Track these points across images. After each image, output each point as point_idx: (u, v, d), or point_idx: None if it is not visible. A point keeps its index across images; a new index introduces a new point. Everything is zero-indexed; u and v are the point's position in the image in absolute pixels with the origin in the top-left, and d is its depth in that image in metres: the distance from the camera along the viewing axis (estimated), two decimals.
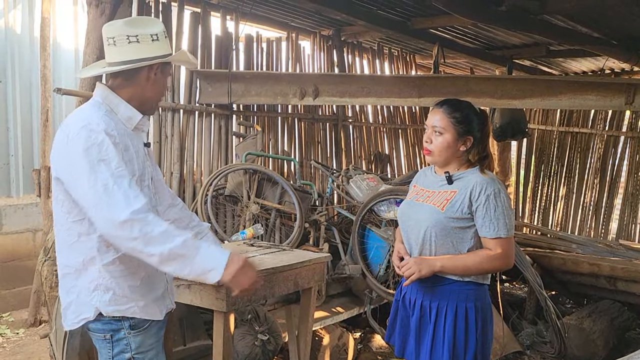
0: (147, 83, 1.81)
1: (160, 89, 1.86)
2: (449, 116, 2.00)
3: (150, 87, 1.82)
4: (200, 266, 1.64)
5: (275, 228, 4.19)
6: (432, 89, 4.34)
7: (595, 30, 4.84)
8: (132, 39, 1.73)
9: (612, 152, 6.96)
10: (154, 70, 1.80)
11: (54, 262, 3.31)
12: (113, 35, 1.75)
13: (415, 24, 5.08)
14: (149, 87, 1.81)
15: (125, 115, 1.79)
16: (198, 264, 1.63)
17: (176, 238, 1.61)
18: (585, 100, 3.95)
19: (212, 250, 1.68)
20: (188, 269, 1.63)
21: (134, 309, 1.74)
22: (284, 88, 4.53)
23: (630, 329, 4.83)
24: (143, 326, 1.77)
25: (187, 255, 1.62)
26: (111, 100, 1.78)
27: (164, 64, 1.82)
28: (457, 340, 1.95)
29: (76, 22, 5.35)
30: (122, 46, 1.73)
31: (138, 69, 1.77)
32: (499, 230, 1.93)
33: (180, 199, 2.20)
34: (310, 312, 2.94)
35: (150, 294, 1.80)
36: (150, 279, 1.81)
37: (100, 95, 1.79)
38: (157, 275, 1.84)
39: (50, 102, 4.46)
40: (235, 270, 1.67)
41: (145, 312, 1.77)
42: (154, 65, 1.79)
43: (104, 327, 1.74)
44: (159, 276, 1.85)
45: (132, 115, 1.80)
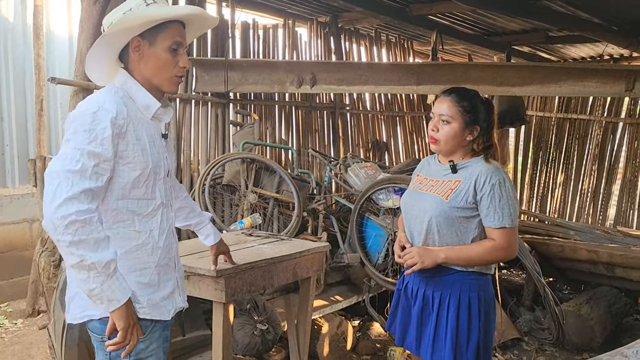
0: (138, 62, 1.64)
1: (154, 65, 1.63)
2: (457, 105, 1.97)
3: (143, 65, 1.63)
4: (108, 292, 1.48)
5: (273, 217, 4.17)
6: (431, 77, 4.31)
7: (596, 16, 4.79)
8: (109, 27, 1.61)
9: (610, 138, 6.95)
10: (133, 46, 1.61)
11: (51, 252, 3.30)
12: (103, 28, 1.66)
13: (414, 10, 5.02)
14: (141, 66, 1.63)
15: (143, 103, 1.65)
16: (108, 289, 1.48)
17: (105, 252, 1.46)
18: (585, 87, 3.93)
19: (123, 282, 1.52)
20: (94, 286, 1.46)
21: (139, 310, 1.61)
22: (282, 76, 4.48)
23: (627, 315, 4.86)
24: (146, 330, 1.63)
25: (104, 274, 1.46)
26: (130, 87, 1.64)
27: (148, 32, 1.60)
28: (460, 331, 1.95)
29: (69, 9, 5.28)
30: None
31: (125, 51, 1.63)
32: (503, 220, 1.91)
33: (186, 191, 2.12)
34: (310, 301, 2.94)
35: (158, 292, 1.68)
36: (160, 276, 1.69)
37: (119, 80, 1.65)
38: (167, 272, 1.72)
39: (45, 91, 4.40)
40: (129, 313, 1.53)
41: (151, 312, 1.64)
42: (131, 41, 1.60)
43: (104, 328, 1.59)
44: (169, 272, 1.73)
45: (150, 104, 1.66)
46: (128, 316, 1.53)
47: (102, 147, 1.51)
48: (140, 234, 1.63)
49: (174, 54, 1.64)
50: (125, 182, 1.59)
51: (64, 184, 1.44)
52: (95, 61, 1.67)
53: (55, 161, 1.50)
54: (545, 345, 4.26)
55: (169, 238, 1.72)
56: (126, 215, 1.61)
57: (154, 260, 1.66)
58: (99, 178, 1.51)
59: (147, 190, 1.64)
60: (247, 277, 2.41)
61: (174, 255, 1.76)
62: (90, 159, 1.49)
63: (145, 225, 1.64)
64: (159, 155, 1.67)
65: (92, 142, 1.50)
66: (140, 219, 1.63)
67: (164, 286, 1.70)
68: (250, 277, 2.42)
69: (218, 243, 2.13)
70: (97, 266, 1.45)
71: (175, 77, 1.67)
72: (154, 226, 1.67)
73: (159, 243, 1.68)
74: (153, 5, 1.61)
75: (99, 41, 1.59)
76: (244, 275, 2.38)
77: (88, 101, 1.59)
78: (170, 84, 1.67)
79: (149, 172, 1.62)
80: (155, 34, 1.61)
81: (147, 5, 1.60)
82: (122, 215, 1.61)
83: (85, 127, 1.50)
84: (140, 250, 1.63)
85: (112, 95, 1.60)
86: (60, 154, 1.51)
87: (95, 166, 1.49)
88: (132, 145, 1.57)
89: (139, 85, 1.65)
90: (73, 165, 1.47)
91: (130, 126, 1.58)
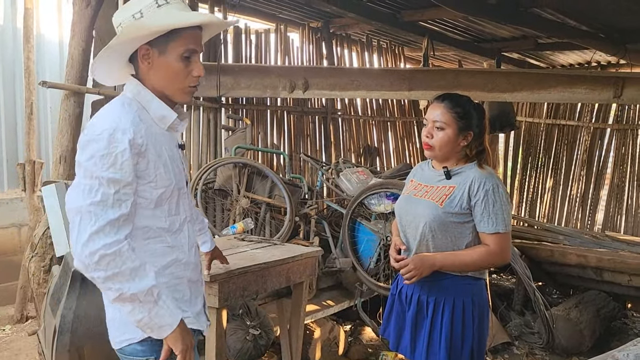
0: (148, 71, 1.51)
1: (165, 75, 1.51)
2: (451, 111, 1.99)
3: (152, 75, 1.51)
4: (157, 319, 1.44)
5: (265, 222, 4.17)
6: (423, 82, 4.34)
7: (584, 24, 4.86)
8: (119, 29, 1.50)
9: (598, 144, 7.03)
10: (141, 54, 1.49)
11: (41, 258, 3.27)
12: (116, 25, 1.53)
13: (405, 16, 5.06)
14: (150, 76, 1.51)
15: (159, 114, 1.53)
16: (157, 316, 1.44)
17: (144, 280, 1.41)
18: (574, 93, 3.98)
19: (170, 304, 1.47)
20: (141, 316, 1.42)
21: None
22: (274, 81, 4.49)
23: (615, 318, 4.91)
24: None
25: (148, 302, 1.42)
26: (143, 97, 1.52)
27: (158, 40, 1.47)
28: (454, 335, 1.96)
29: (60, 13, 5.25)
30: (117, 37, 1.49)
31: (134, 58, 1.52)
32: (497, 225, 1.93)
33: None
34: (302, 306, 2.94)
35: (192, 308, 1.61)
36: (192, 292, 1.62)
37: (131, 90, 1.53)
38: (197, 287, 1.66)
39: (35, 94, 4.37)
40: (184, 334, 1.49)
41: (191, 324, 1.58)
42: (139, 49, 1.49)
43: (145, 350, 1.52)
44: (198, 288, 1.67)
45: (166, 115, 1.54)
46: (184, 338, 1.48)
47: (121, 172, 1.41)
48: (173, 249, 1.57)
49: (187, 63, 1.51)
50: (148, 201, 1.50)
51: (87, 219, 1.38)
52: (104, 65, 1.54)
53: (73, 194, 1.42)
54: (536, 349, 4.29)
55: (197, 253, 1.68)
56: (157, 232, 1.54)
57: (187, 275, 1.61)
58: (123, 205, 1.42)
59: (171, 207, 1.56)
60: (241, 281, 2.40)
61: (200, 270, 1.71)
62: (110, 186, 1.40)
63: (176, 240, 1.58)
64: (180, 170, 1.59)
65: (110, 167, 1.40)
66: (171, 235, 1.57)
67: (194, 302, 1.64)
68: (243, 281, 2.42)
69: (213, 249, 2.12)
70: (139, 296, 1.40)
71: (189, 87, 1.55)
72: (184, 242, 1.60)
73: (191, 258, 1.62)
74: (165, 6, 1.47)
75: (105, 51, 1.48)
76: (237, 280, 2.38)
77: (102, 120, 1.45)
78: (183, 95, 1.55)
79: (173, 189, 1.54)
80: (166, 41, 1.48)
81: (159, 6, 1.47)
82: (153, 232, 1.53)
83: (102, 151, 1.39)
84: (175, 265, 1.57)
85: (127, 111, 1.47)
86: (77, 185, 1.42)
87: (116, 193, 1.40)
88: (152, 163, 1.48)
89: (152, 94, 1.53)
90: (92, 197, 1.39)
91: (150, 144, 1.47)
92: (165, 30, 1.46)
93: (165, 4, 1.48)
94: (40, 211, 4.02)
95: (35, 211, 4.13)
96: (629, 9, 4.25)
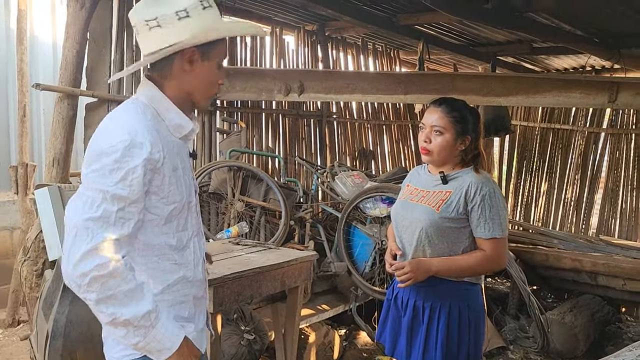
0: (184, 75, 1.43)
1: (203, 81, 1.46)
2: (449, 115, 1.98)
3: (188, 79, 1.44)
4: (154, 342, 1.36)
5: (260, 226, 4.15)
6: (418, 86, 4.34)
7: (578, 28, 4.88)
8: (151, 24, 1.37)
9: (592, 148, 7.04)
10: (187, 56, 1.41)
11: (33, 262, 3.24)
12: (134, 22, 1.41)
13: (401, 20, 5.06)
14: (186, 80, 1.44)
15: (175, 123, 1.46)
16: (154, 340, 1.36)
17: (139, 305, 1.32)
18: (569, 97, 3.98)
19: (169, 327, 1.39)
20: (137, 340, 1.34)
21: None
22: (269, 84, 4.47)
23: (610, 322, 4.92)
24: None
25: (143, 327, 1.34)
26: (160, 104, 1.43)
27: (205, 45, 1.41)
28: (450, 341, 1.95)
29: (54, 15, 5.22)
30: (143, 33, 1.39)
31: (169, 58, 1.41)
32: (493, 230, 1.92)
33: None
34: (297, 310, 2.93)
35: (195, 325, 1.55)
36: (196, 308, 1.56)
37: (146, 95, 1.43)
38: (202, 304, 1.60)
39: (28, 97, 4.34)
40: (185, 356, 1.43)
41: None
42: (185, 51, 1.40)
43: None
44: (202, 304, 1.61)
45: (182, 124, 1.47)
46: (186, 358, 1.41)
47: (129, 190, 1.31)
48: (180, 267, 1.50)
49: (220, 71, 1.49)
50: (159, 218, 1.42)
51: (82, 236, 1.28)
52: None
53: (73, 206, 1.32)
54: (531, 354, 4.29)
55: (203, 269, 1.61)
56: (164, 250, 1.46)
57: (193, 292, 1.54)
58: (125, 224, 1.32)
59: (179, 223, 1.48)
60: (235, 286, 2.39)
61: (205, 288, 1.64)
62: (113, 203, 1.30)
63: (182, 257, 1.50)
64: (190, 182, 1.51)
65: (119, 182, 1.30)
66: (178, 252, 1.49)
67: (198, 319, 1.58)
68: (238, 286, 2.40)
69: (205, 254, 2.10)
70: (133, 321, 1.31)
71: (214, 94, 1.54)
72: (190, 259, 1.53)
73: (197, 275, 1.56)
74: (209, 10, 1.41)
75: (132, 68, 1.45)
76: (231, 284, 2.36)
77: (118, 129, 1.35)
78: (207, 102, 1.53)
79: (183, 204, 1.47)
80: (211, 48, 1.43)
81: (204, 8, 1.39)
82: (162, 249, 1.45)
83: (113, 164, 1.30)
84: (181, 283, 1.50)
85: (142, 119, 1.38)
86: (79, 196, 1.32)
87: (119, 211, 1.31)
88: (167, 178, 1.40)
89: (170, 102, 1.45)
90: (93, 212, 1.29)
91: (167, 157, 1.39)
92: (222, 37, 1.43)
93: (209, 7, 1.42)
94: (32, 214, 3.99)
95: (28, 214, 4.09)
96: (623, 13, 4.27)
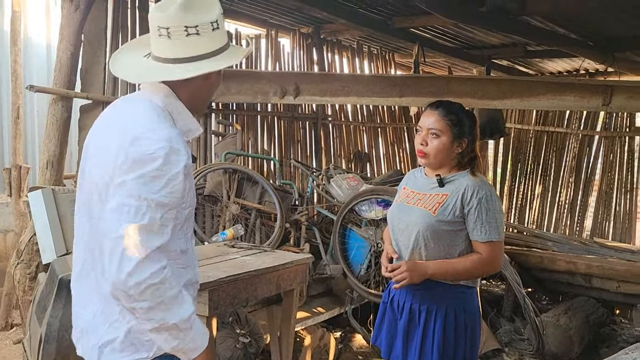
0: (205, 82, 1.47)
1: (213, 89, 1.54)
2: (445, 118, 1.98)
3: (207, 87, 1.50)
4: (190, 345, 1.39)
5: (255, 228, 4.14)
6: (414, 89, 4.34)
7: (572, 32, 4.91)
8: (191, 31, 1.37)
9: (586, 151, 7.08)
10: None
11: (27, 265, 3.21)
12: (167, 25, 1.37)
13: (396, 23, 5.08)
14: (205, 87, 1.49)
15: (186, 127, 1.47)
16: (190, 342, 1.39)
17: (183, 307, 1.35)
18: (563, 101, 4.00)
19: (200, 326, 1.43)
20: (176, 342, 1.37)
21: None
22: (265, 86, 4.47)
23: (604, 324, 4.94)
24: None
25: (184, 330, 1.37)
26: (175, 108, 1.44)
27: None
28: (446, 344, 1.95)
29: (48, 16, 5.20)
30: (179, 39, 1.38)
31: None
32: (490, 234, 1.92)
33: None
34: (293, 313, 2.91)
35: None
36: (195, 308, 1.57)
37: (162, 99, 1.43)
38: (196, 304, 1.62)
39: (22, 98, 4.31)
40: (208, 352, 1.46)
41: None
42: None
43: None
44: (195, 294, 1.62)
45: (193, 129, 1.49)
46: (207, 355, 1.45)
47: (171, 197, 1.32)
48: (187, 269, 1.51)
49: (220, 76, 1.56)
50: (180, 223, 1.43)
51: (132, 246, 1.27)
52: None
53: (117, 216, 1.30)
54: (526, 356, 4.29)
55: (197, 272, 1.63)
56: (177, 253, 1.46)
57: (193, 294, 1.56)
58: (165, 230, 1.33)
59: (188, 226, 1.50)
60: (231, 289, 2.37)
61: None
62: (157, 210, 1.30)
63: (187, 260, 1.52)
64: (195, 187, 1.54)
65: (161, 190, 1.30)
66: (184, 255, 1.50)
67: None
68: (233, 289, 2.39)
69: None
70: (180, 325, 1.34)
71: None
72: (191, 261, 1.55)
73: (196, 277, 1.58)
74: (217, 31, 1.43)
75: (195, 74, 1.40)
76: (227, 287, 2.34)
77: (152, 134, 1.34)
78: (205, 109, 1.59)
79: (193, 208, 1.49)
80: None
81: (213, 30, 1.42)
82: (175, 253, 1.45)
83: (154, 172, 1.30)
84: (188, 285, 1.51)
85: (169, 125, 1.39)
86: (121, 205, 1.29)
87: (161, 218, 1.31)
88: (189, 183, 1.40)
89: (184, 106, 1.46)
90: (139, 220, 1.28)
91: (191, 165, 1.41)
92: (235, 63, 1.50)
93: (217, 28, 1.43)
94: (26, 217, 3.95)
95: (21, 217, 4.06)
96: (617, 17, 4.30)
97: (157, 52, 1.42)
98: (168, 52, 1.40)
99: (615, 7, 3.99)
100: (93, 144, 1.48)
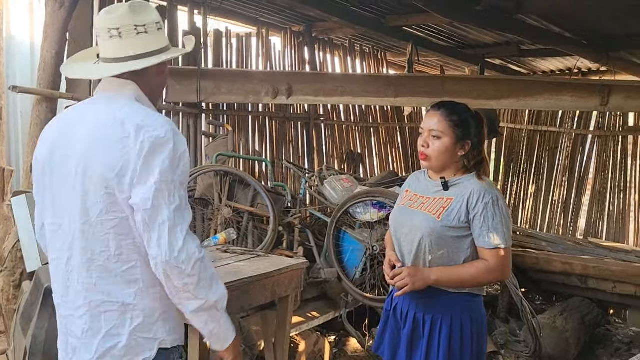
0: (156, 77, 1.57)
1: (165, 80, 1.64)
2: (447, 119, 1.90)
3: (159, 80, 1.60)
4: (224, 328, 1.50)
5: (247, 232, 4.05)
6: (408, 89, 4.29)
7: (568, 31, 4.88)
8: (140, 30, 1.48)
9: (580, 150, 7.06)
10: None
11: (11, 272, 3.09)
12: (118, 25, 1.47)
13: (390, 21, 5.02)
14: (156, 81, 1.59)
15: None
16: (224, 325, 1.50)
17: (220, 287, 1.46)
18: (560, 101, 3.96)
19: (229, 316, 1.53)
20: (213, 326, 1.47)
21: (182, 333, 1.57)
22: (256, 86, 4.39)
23: (599, 325, 4.92)
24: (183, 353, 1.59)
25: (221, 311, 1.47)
26: (145, 100, 1.53)
27: None
28: (452, 354, 1.87)
29: (32, 14, 5.06)
30: (130, 38, 1.47)
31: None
32: (497, 240, 1.84)
33: None
34: (288, 319, 2.83)
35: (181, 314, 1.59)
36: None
37: (134, 93, 1.51)
38: None
39: (5, 99, 4.20)
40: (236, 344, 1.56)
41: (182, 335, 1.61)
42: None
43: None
44: None
45: None
46: (236, 346, 1.54)
47: (184, 175, 1.44)
48: None
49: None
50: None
51: (174, 225, 1.38)
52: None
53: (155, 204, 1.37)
54: (522, 358, 4.25)
55: None
56: None
57: None
58: (189, 207, 1.45)
59: None
60: None
61: None
62: (180, 189, 1.42)
63: None
64: None
65: (177, 169, 1.41)
66: None
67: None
68: None
69: None
70: (218, 304, 1.44)
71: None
72: None
73: None
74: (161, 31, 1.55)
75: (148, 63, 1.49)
76: None
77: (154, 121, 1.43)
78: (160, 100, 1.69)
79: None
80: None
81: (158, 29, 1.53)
82: None
83: (172, 154, 1.40)
84: None
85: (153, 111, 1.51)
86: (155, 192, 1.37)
87: (184, 196, 1.43)
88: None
89: (149, 101, 1.55)
90: (172, 201, 1.39)
91: None
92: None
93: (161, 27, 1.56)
94: (10, 221, 3.82)
95: (5, 221, 3.94)
96: (612, 15, 4.27)
97: (108, 54, 1.49)
98: (120, 51, 1.48)
99: (611, 5, 3.95)
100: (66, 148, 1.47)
